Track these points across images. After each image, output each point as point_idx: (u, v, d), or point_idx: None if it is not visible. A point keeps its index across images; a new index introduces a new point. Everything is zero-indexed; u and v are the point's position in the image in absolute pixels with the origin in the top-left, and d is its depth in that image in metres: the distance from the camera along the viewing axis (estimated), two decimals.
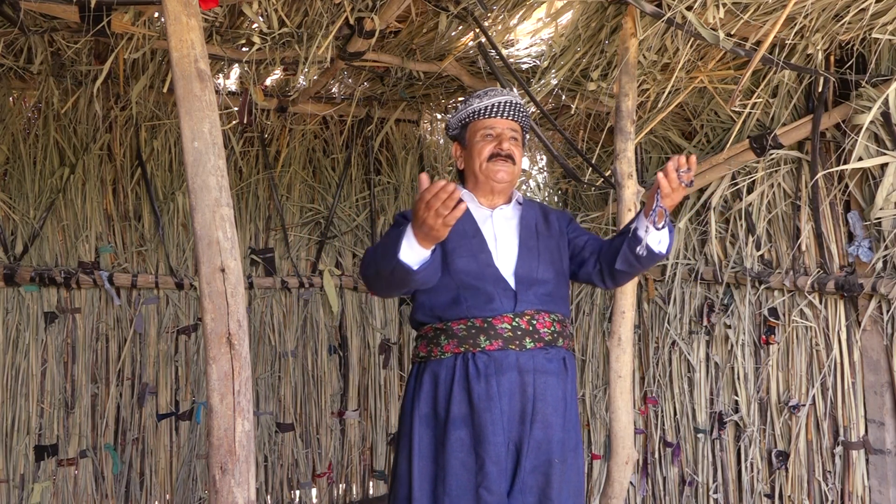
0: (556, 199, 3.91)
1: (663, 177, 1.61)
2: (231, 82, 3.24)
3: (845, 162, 2.55)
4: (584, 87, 2.75)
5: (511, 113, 1.90)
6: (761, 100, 2.73)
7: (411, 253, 1.54)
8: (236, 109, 3.05)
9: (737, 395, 2.96)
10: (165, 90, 2.85)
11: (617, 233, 1.91)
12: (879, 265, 2.48)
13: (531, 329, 1.79)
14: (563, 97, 2.92)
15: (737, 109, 2.78)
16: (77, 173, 3.17)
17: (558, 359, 1.83)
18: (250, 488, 1.34)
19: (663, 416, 3.27)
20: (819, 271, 2.68)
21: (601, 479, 3.41)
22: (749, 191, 2.92)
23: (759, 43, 2.24)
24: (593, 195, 3.65)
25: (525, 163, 4.06)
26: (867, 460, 2.55)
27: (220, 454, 1.32)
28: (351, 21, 2.40)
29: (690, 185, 1.64)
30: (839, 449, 2.62)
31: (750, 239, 2.91)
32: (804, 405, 2.71)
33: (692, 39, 2.30)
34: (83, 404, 3.15)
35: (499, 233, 1.90)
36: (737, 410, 2.97)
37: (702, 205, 3.08)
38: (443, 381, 1.79)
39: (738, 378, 2.95)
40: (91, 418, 3.19)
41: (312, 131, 3.70)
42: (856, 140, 2.46)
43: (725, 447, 3.03)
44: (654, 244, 1.74)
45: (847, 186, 2.60)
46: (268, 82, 3.23)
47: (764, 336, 2.87)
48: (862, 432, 2.56)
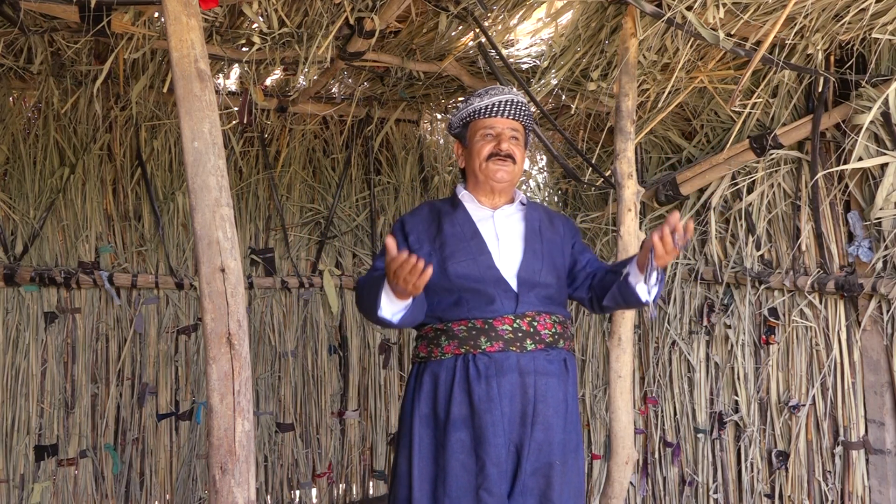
0: (556, 200, 3.91)
1: (658, 240, 1.62)
2: (231, 82, 3.24)
3: (845, 162, 2.55)
4: (584, 87, 2.75)
5: (512, 112, 1.89)
6: (761, 100, 2.73)
7: (390, 306, 1.66)
8: (236, 109, 3.05)
9: (737, 395, 2.96)
10: (165, 90, 2.85)
11: (612, 267, 1.92)
12: (879, 265, 2.48)
13: (532, 330, 1.79)
14: (563, 97, 2.91)
15: (737, 109, 2.78)
16: (77, 173, 3.17)
17: (559, 360, 1.83)
18: (250, 488, 1.34)
19: (663, 416, 3.27)
20: (819, 271, 2.68)
21: (601, 479, 3.41)
22: (749, 191, 2.92)
23: (759, 43, 2.24)
24: (593, 195, 3.65)
25: (525, 163, 4.05)
26: (867, 460, 2.55)
27: (220, 454, 1.32)
28: (351, 21, 2.40)
29: (686, 248, 1.64)
30: (839, 449, 2.62)
31: (750, 239, 2.91)
32: (804, 405, 2.71)
33: (692, 39, 2.30)
34: (83, 404, 3.15)
35: (501, 233, 1.89)
36: (737, 410, 2.97)
37: (702, 205, 3.08)
38: (443, 382, 1.78)
39: (738, 378, 2.95)
40: (91, 418, 3.19)
41: (312, 131, 3.70)
42: (856, 140, 2.46)
43: (725, 447, 3.03)
44: (643, 293, 1.80)
45: (847, 186, 2.60)
46: (268, 82, 3.23)
47: (764, 336, 2.87)
48: (862, 432, 2.56)
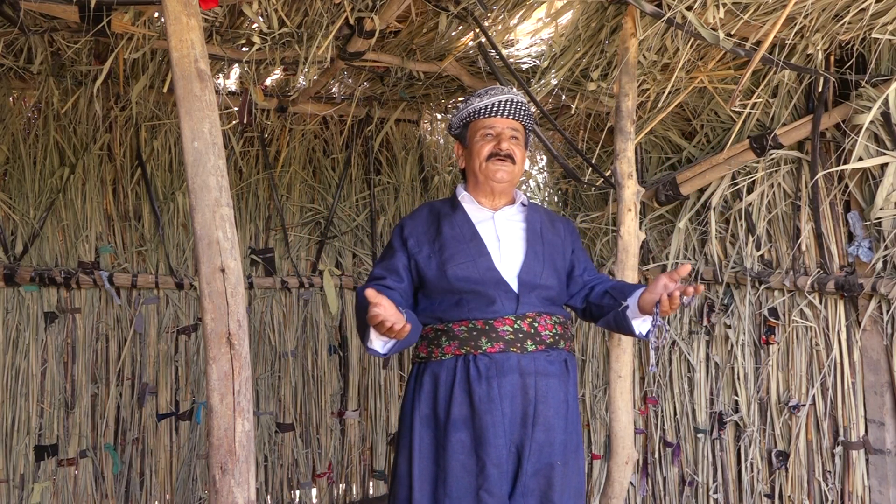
0: (556, 200, 3.91)
1: (666, 299, 1.66)
2: (231, 82, 3.24)
3: (845, 162, 2.55)
4: (584, 87, 2.74)
5: (512, 112, 1.89)
6: (761, 100, 2.73)
7: (378, 341, 1.67)
8: (236, 109, 3.05)
9: (737, 395, 2.96)
10: (165, 90, 2.85)
11: (610, 289, 1.92)
12: (879, 265, 2.48)
13: (533, 331, 1.79)
14: (563, 97, 2.91)
15: (737, 109, 2.78)
16: (77, 173, 3.17)
17: (559, 361, 1.83)
18: (250, 488, 1.34)
19: (663, 416, 3.27)
20: (819, 271, 2.68)
21: (601, 479, 3.41)
22: (749, 191, 2.92)
23: (759, 43, 2.24)
24: (593, 195, 3.65)
25: (525, 163, 4.05)
26: (867, 460, 2.55)
27: (220, 454, 1.32)
28: (351, 21, 2.40)
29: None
30: (839, 449, 2.62)
31: (750, 239, 2.91)
32: (804, 405, 2.71)
33: (692, 39, 2.30)
34: (83, 404, 3.15)
35: (502, 234, 1.89)
36: (737, 410, 2.97)
37: (702, 205, 3.08)
38: (443, 383, 1.78)
39: (738, 378, 2.95)
40: (91, 418, 3.19)
41: (312, 131, 3.70)
42: (856, 140, 2.46)
43: (725, 447, 3.03)
44: (639, 328, 1.85)
45: (847, 186, 2.60)
46: (268, 82, 3.23)
47: (764, 336, 2.87)
48: (862, 432, 2.56)
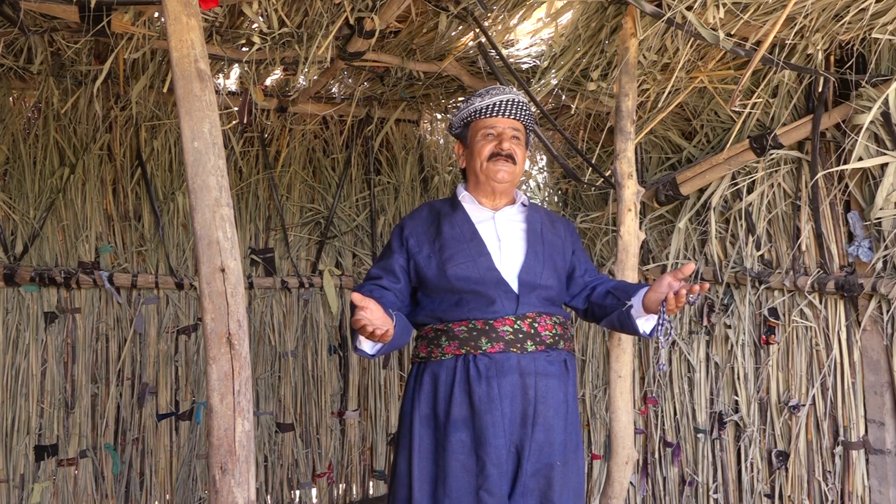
0: (556, 200, 3.91)
1: (672, 297, 1.68)
2: (231, 82, 3.24)
3: (845, 162, 2.55)
4: (584, 87, 2.74)
5: (513, 112, 1.89)
6: (761, 100, 2.73)
7: (366, 343, 1.68)
8: (236, 109, 3.05)
9: (737, 395, 2.96)
10: (165, 90, 2.85)
11: (612, 289, 1.93)
12: (879, 265, 2.48)
13: (532, 332, 1.79)
14: (563, 97, 2.91)
15: (737, 109, 2.78)
16: (77, 173, 3.16)
17: (559, 361, 1.83)
18: (250, 488, 1.34)
19: (663, 416, 3.27)
20: (819, 271, 2.68)
21: (601, 479, 3.41)
22: (749, 191, 2.92)
23: (759, 43, 2.24)
24: (593, 195, 3.65)
25: (525, 163, 4.05)
26: (867, 460, 2.55)
27: (220, 454, 1.32)
28: (351, 21, 2.40)
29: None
30: (839, 449, 2.62)
31: (750, 239, 2.91)
32: (804, 405, 2.71)
33: (692, 39, 2.30)
34: (83, 404, 3.15)
35: (503, 234, 1.89)
36: (737, 410, 2.97)
37: (702, 205, 3.08)
38: (443, 383, 1.78)
39: (738, 378, 2.95)
40: (91, 418, 3.18)
41: (312, 131, 3.70)
42: (856, 140, 2.46)
43: (725, 447, 3.03)
44: (643, 327, 1.86)
45: (847, 186, 2.60)
46: (268, 82, 3.23)
47: (764, 336, 2.86)
48: (862, 432, 2.56)
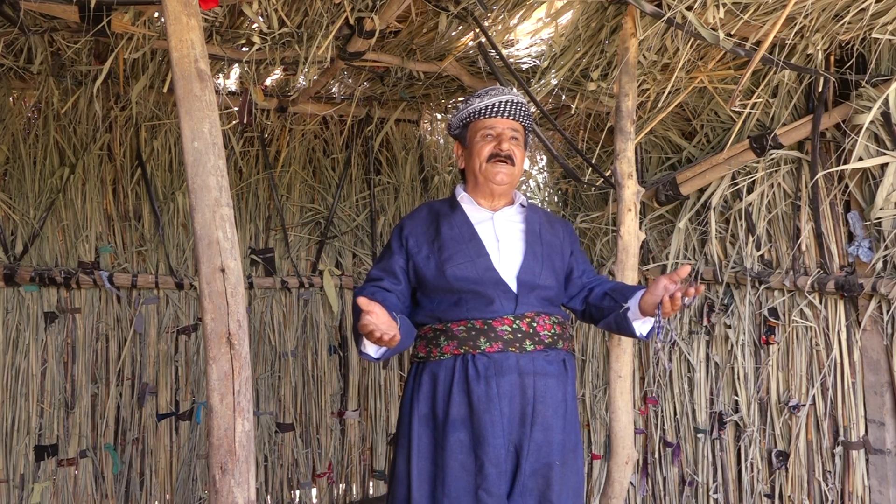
0: (556, 200, 3.91)
1: (668, 300, 1.69)
2: (231, 82, 3.24)
3: (845, 162, 2.55)
4: (584, 87, 2.74)
5: (512, 112, 1.89)
6: (761, 100, 2.73)
7: (371, 346, 1.69)
8: (236, 109, 3.05)
9: (737, 395, 2.96)
10: (165, 90, 2.85)
11: (610, 290, 1.94)
12: (879, 265, 2.48)
13: (531, 331, 1.79)
14: (563, 97, 2.91)
15: (737, 109, 2.78)
16: (77, 173, 3.16)
17: (558, 361, 1.84)
18: (250, 488, 1.34)
19: (663, 416, 3.27)
20: (819, 271, 2.68)
21: (601, 479, 3.41)
22: (749, 191, 2.92)
23: (759, 43, 2.24)
24: (593, 195, 3.65)
25: (525, 163, 4.05)
26: (867, 460, 2.55)
27: (220, 454, 1.32)
28: (351, 21, 2.40)
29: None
30: (839, 449, 2.62)
31: (750, 239, 2.91)
32: (804, 405, 2.71)
33: (692, 39, 2.30)
34: (83, 404, 3.15)
35: (501, 235, 1.89)
36: (737, 410, 2.97)
37: (702, 205, 3.08)
38: (442, 382, 1.79)
39: (738, 378, 2.95)
40: (91, 418, 3.18)
41: (312, 131, 3.70)
42: (856, 140, 2.46)
43: (725, 447, 3.03)
44: (640, 329, 1.87)
45: (847, 186, 2.60)
46: (268, 82, 3.23)
47: (764, 336, 2.86)
48: (862, 432, 2.56)
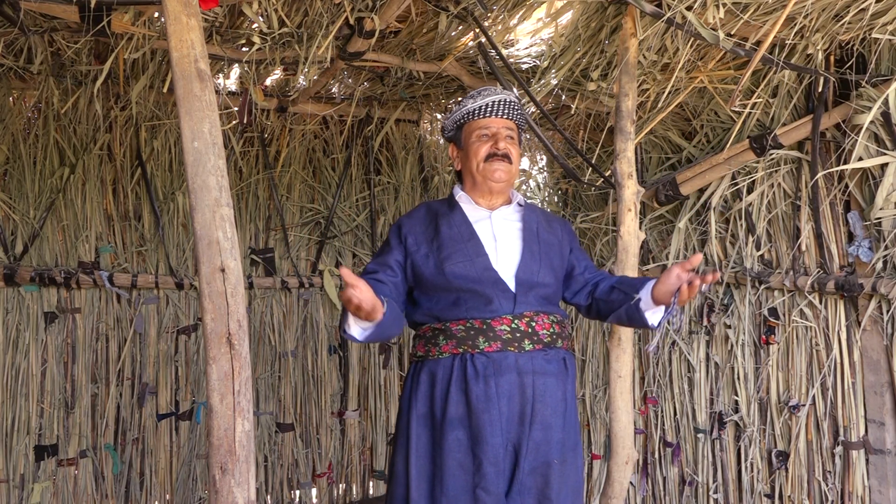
0: (556, 200, 3.91)
1: (686, 288, 1.65)
2: (231, 82, 3.24)
3: (845, 162, 2.55)
4: (584, 87, 2.74)
5: (506, 111, 1.90)
6: (761, 100, 2.73)
7: (356, 327, 1.65)
8: (236, 109, 3.05)
9: (737, 395, 2.96)
10: (165, 90, 2.85)
11: (617, 283, 1.90)
12: (879, 265, 2.48)
13: (530, 331, 1.79)
14: (563, 97, 2.91)
15: (737, 109, 2.78)
16: (77, 173, 3.17)
17: (558, 360, 1.83)
18: (250, 488, 1.34)
19: (663, 416, 3.27)
20: (819, 271, 2.68)
21: (601, 479, 3.41)
22: (749, 191, 2.92)
23: (759, 43, 2.24)
24: (593, 195, 3.65)
25: (525, 163, 4.06)
26: (867, 460, 2.55)
27: (220, 454, 1.32)
28: (351, 21, 2.40)
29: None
30: (839, 449, 2.62)
31: (750, 239, 2.91)
32: (804, 405, 2.71)
33: (692, 39, 2.30)
34: (83, 404, 3.15)
35: (499, 234, 1.89)
36: (737, 410, 2.97)
37: (702, 205, 3.08)
38: (440, 382, 1.79)
39: (738, 378, 2.95)
40: (91, 418, 3.18)
41: (312, 131, 3.70)
42: (856, 140, 2.46)
43: (725, 447, 3.03)
44: (652, 319, 1.83)
45: (847, 186, 2.60)
46: (268, 82, 3.23)
47: (764, 336, 2.87)
48: (862, 432, 2.56)
